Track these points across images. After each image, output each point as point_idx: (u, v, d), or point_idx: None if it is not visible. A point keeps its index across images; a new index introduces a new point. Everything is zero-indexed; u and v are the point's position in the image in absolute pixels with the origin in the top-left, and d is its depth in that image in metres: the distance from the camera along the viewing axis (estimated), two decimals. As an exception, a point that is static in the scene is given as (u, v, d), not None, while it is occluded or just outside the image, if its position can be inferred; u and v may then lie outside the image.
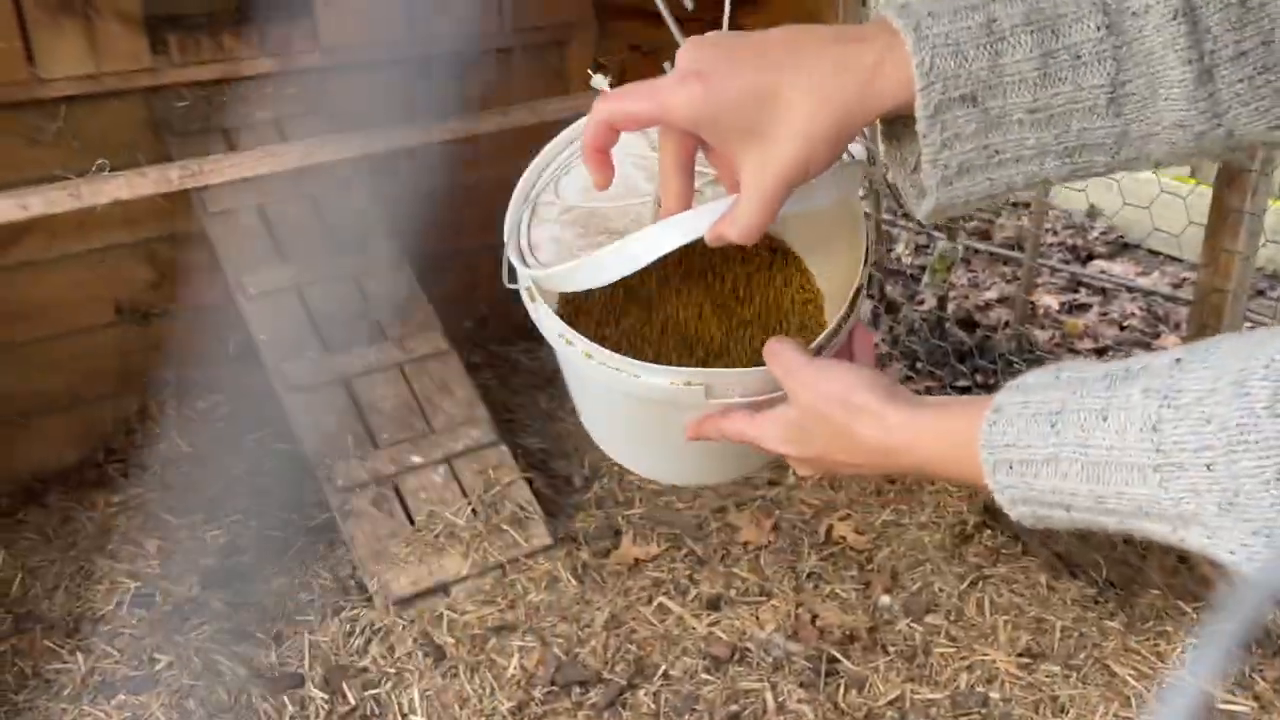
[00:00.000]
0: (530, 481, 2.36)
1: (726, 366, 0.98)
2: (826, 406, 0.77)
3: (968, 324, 3.27)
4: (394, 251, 2.61)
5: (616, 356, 0.87)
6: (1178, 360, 0.59)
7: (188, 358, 2.86)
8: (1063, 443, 0.63)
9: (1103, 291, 3.51)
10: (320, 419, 2.27)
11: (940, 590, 2.14)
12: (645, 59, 3.06)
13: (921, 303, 3.29)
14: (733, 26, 0.94)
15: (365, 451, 2.25)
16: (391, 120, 2.70)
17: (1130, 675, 1.92)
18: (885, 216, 3.36)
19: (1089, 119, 0.68)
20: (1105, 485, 0.61)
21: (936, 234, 3.56)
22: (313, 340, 2.39)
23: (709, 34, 0.72)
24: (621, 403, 0.94)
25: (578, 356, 0.89)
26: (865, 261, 0.91)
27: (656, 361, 0.88)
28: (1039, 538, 2.26)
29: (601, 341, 0.90)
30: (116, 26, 2.44)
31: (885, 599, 2.13)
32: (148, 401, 2.82)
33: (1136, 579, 2.09)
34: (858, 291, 0.89)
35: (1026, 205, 4.09)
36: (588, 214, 0.96)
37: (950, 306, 3.26)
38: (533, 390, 2.96)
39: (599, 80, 0.96)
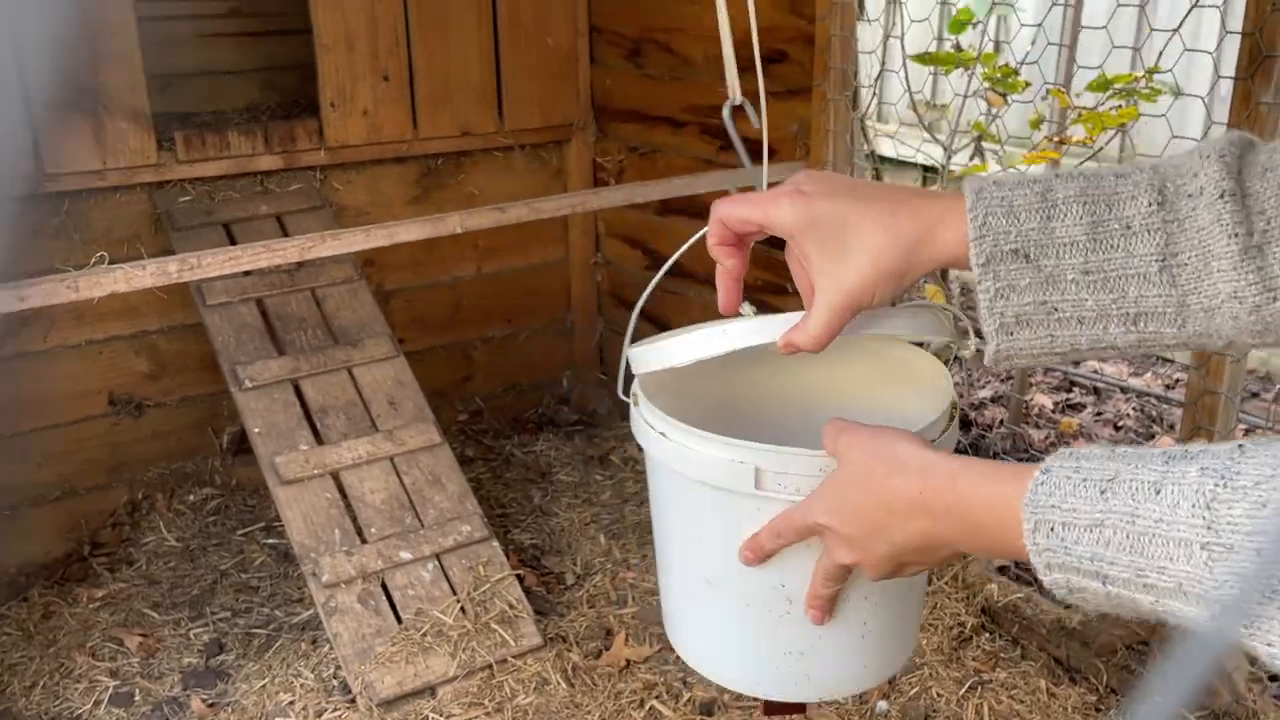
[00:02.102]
0: (521, 579, 2.32)
1: None
2: (872, 461, 0.77)
3: (962, 423, 3.27)
4: (388, 343, 2.62)
5: (683, 426, 0.91)
6: (1240, 447, 0.59)
7: (180, 450, 2.85)
8: (1110, 510, 0.62)
9: (1096, 391, 3.52)
10: (308, 513, 2.25)
11: (939, 695, 2.09)
12: (642, 159, 3.13)
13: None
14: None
15: (353, 546, 2.22)
16: (393, 216, 2.75)
17: (1135, 787, 1.86)
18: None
19: (1144, 286, 0.72)
20: (1148, 558, 0.60)
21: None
22: (305, 433, 2.38)
23: (821, 171, 0.83)
24: (693, 531, 0.95)
25: (659, 452, 0.93)
26: (951, 409, 0.93)
27: None
28: (1038, 642, 2.21)
29: None
30: (125, 124, 2.50)
31: (882, 704, 2.08)
32: (137, 494, 2.80)
33: (1137, 685, 2.05)
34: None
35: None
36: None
37: (945, 404, 3.26)
38: (526, 484, 2.94)
39: (747, 309, 1.05)
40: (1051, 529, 0.65)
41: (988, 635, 2.25)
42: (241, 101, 3.07)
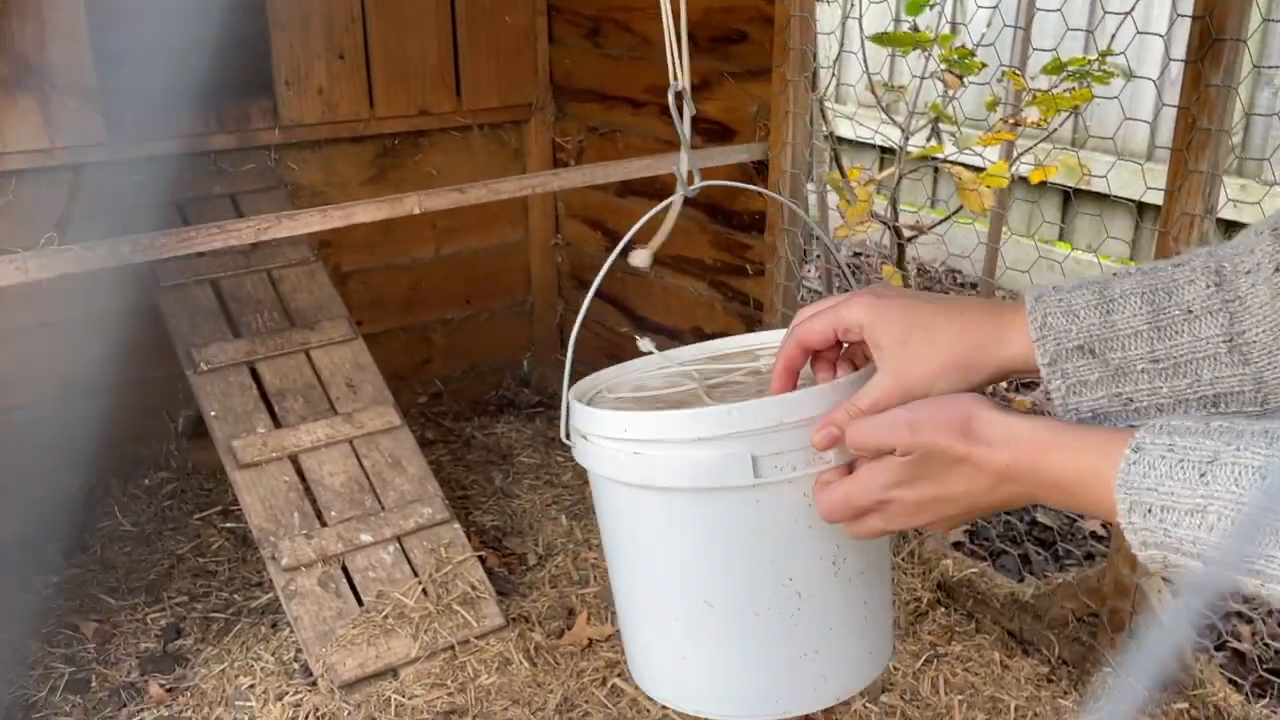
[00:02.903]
0: (483, 560, 2.32)
1: None
2: (946, 439, 0.73)
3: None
4: (346, 325, 2.60)
5: (656, 417, 0.85)
6: None
7: (135, 434, 2.81)
8: (1213, 495, 0.60)
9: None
10: (267, 496, 2.23)
11: (895, 669, 2.12)
12: (603, 140, 3.12)
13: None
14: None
15: (312, 529, 2.20)
16: (349, 196, 2.72)
17: (1085, 755, 1.91)
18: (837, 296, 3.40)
19: (1217, 367, 0.72)
20: (1256, 545, 0.58)
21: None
22: (263, 416, 2.36)
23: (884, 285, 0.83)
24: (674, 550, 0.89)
25: (630, 472, 0.86)
26: None
27: None
28: (992, 615, 2.26)
29: None
30: (72, 102, 2.44)
31: (840, 679, 2.11)
32: (91, 478, 2.76)
33: (1089, 657, 2.10)
34: None
35: (974, 286, 4.18)
36: (642, 398, 0.99)
37: (902, 384, 3.29)
38: (487, 466, 2.94)
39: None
40: (1149, 510, 0.63)
41: (943, 610, 2.29)
42: (194, 79, 3.01)
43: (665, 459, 0.84)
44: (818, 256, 3.48)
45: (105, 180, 2.59)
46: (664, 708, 2.02)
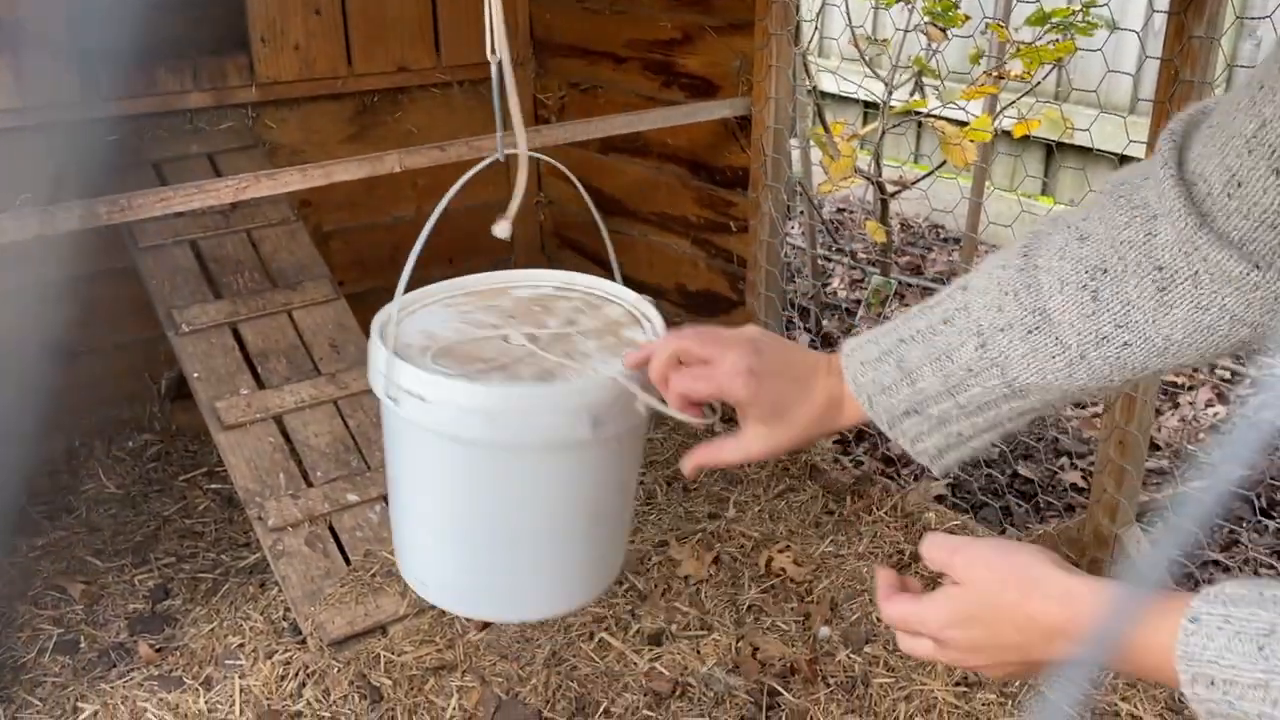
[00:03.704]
0: (469, 518, 2.34)
1: None
2: (1004, 581, 0.76)
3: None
4: (328, 286, 2.58)
5: (516, 390, 0.97)
6: None
7: (117, 396, 2.80)
8: (1273, 670, 0.62)
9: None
10: (252, 457, 2.23)
11: (878, 620, 2.15)
12: (583, 96, 3.09)
13: (858, 335, 3.34)
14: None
15: (298, 489, 2.21)
16: (328, 155, 2.69)
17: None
18: (820, 252, 3.41)
19: (1010, 401, 0.87)
20: None
21: (870, 269, 3.63)
22: (246, 377, 2.35)
23: (759, 339, 0.95)
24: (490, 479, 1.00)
25: (475, 423, 0.95)
26: None
27: None
28: (974, 567, 2.29)
29: None
30: (45, 60, 2.40)
31: (825, 630, 2.14)
32: (74, 442, 2.75)
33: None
34: None
35: (957, 241, 4.18)
36: (448, 349, 1.05)
37: (885, 339, 3.30)
38: (472, 426, 2.94)
39: (502, 228, 1.14)
40: (1211, 682, 0.65)
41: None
42: (169, 36, 2.97)
43: (520, 422, 0.95)
44: (801, 213, 3.48)
45: (80, 140, 2.56)
46: (651, 661, 2.04)
